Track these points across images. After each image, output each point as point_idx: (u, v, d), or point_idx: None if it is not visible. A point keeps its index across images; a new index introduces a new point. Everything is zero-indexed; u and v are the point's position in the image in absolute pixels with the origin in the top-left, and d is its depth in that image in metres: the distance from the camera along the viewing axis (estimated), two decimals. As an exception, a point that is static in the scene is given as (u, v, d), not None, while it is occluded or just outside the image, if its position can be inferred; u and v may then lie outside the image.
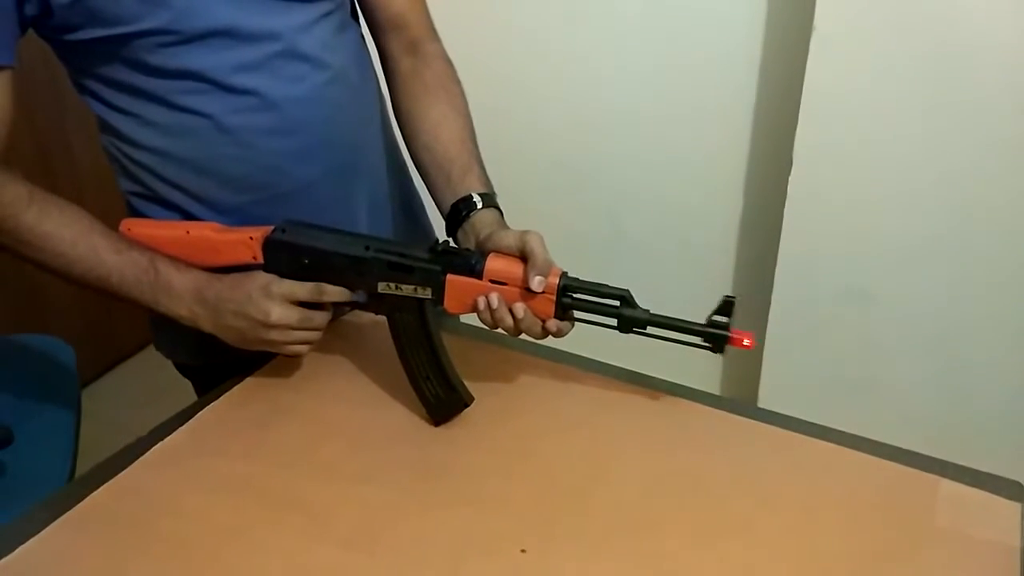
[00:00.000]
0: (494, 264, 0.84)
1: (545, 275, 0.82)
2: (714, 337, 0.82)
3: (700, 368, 1.85)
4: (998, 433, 1.54)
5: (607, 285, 0.83)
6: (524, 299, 0.83)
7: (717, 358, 0.85)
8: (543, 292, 0.82)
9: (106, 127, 0.94)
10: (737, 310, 0.83)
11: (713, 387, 1.93)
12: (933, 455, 0.83)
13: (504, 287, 0.84)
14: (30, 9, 0.81)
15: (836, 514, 0.77)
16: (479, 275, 0.84)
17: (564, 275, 0.83)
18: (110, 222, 0.91)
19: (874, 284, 1.55)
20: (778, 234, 1.57)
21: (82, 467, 1.22)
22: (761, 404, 1.69)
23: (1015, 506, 0.77)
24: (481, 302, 0.84)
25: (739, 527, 0.76)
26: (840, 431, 0.87)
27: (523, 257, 0.83)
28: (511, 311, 0.83)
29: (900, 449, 0.84)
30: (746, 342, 0.82)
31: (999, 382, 1.52)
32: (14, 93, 0.86)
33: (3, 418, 1.19)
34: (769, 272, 1.62)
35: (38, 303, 2.11)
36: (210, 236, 0.92)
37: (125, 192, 0.99)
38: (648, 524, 0.76)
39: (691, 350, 0.85)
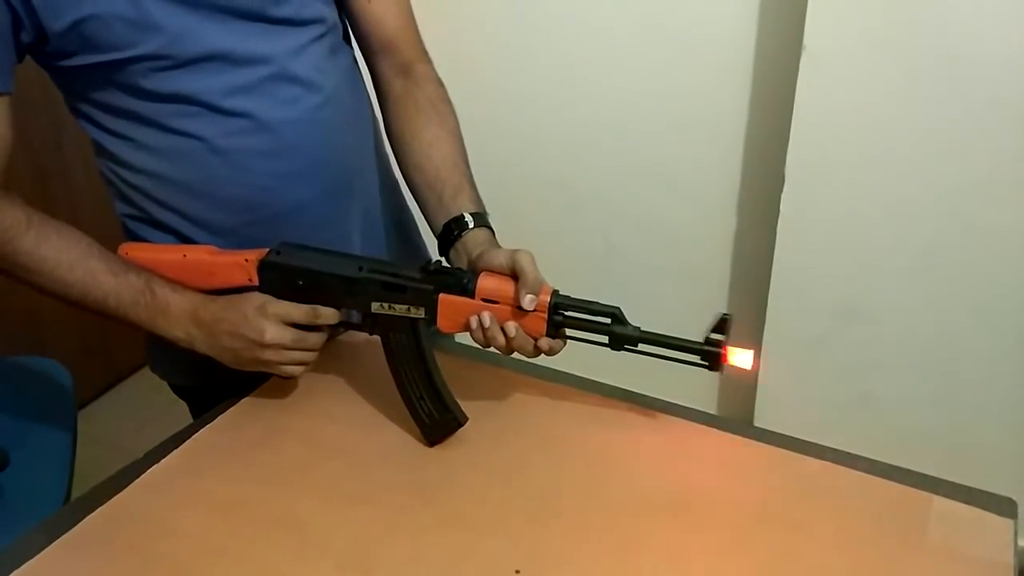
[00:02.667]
0: (485, 283, 0.85)
1: (536, 293, 0.82)
2: (710, 355, 0.83)
3: (696, 386, 1.84)
4: (994, 449, 1.54)
5: (598, 302, 0.84)
6: (516, 317, 0.84)
7: (712, 374, 0.86)
8: (534, 310, 0.83)
9: (102, 151, 0.95)
10: (732, 327, 0.83)
11: (709, 405, 1.93)
12: (929, 471, 0.83)
13: (496, 306, 0.84)
14: (26, 36, 0.82)
15: (830, 532, 0.77)
16: (471, 294, 0.85)
17: (555, 293, 0.84)
18: (107, 244, 0.92)
19: (868, 301, 1.56)
20: (771, 251, 1.58)
21: (78, 489, 1.22)
22: (757, 421, 1.69)
23: (1007, 523, 0.77)
24: (473, 321, 0.84)
25: (734, 546, 0.76)
26: (834, 449, 0.87)
27: (514, 276, 0.84)
28: (503, 330, 0.84)
29: (894, 467, 0.84)
30: (746, 363, 0.83)
31: (994, 398, 1.53)
32: (12, 119, 0.87)
33: (-1, 441, 1.19)
34: (763, 289, 1.63)
35: (34, 325, 2.11)
36: (206, 259, 0.92)
37: (121, 215, 1.00)
38: (643, 543, 0.76)
39: (688, 368, 0.85)
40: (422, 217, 1.01)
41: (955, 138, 1.38)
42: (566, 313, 0.84)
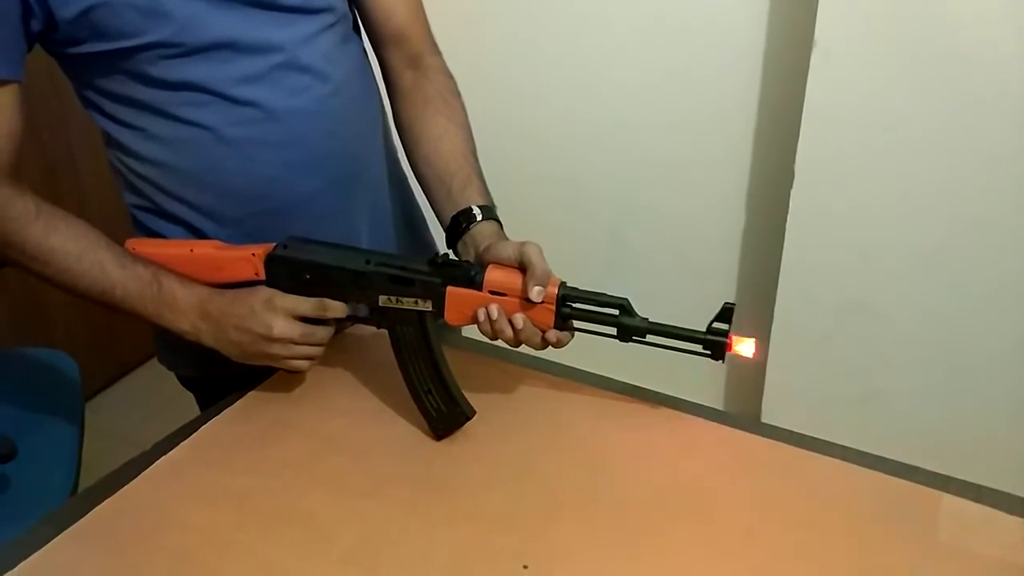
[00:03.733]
0: (493, 275, 0.84)
1: (544, 285, 0.82)
2: (714, 344, 0.82)
3: (703, 381, 1.84)
4: (1004, 446, 1.53)
5: (606, 294, 0.83)
6: (523, 310, 0.83)
7: (720, 370, 0.86)
8: (542, 302, 0.82)
9: (110, 140, 0.95)
10: (736, 317, 0.82)
11: (716, 400, 1.93)
12: (936, 467, 0.83)
13: (503, 298, 0.84)
14: (36, 25, 0.82)
15: (839, 530, 0.76)
16: (479, 287, 0.84)
17: (563, 285, 0.83)
18: (115, 235, 0.92)
19: (877, 296, 1.55)
20: (780, 247, 1.57)
21: (85, 480, 1.22)
22: (765, 417, 1.69)
23: (1019, 522, 0.76)
24: (481, 313, 0.84)
25: (742, 543, 0.75)
26: (843, 446, 0.86)
27: (522, 268, 0.83)
28: (511, 322, 0.83)
29: (903, 464, 0.84)
30: (749, 351, 0.82)
31: (1003, 393, 1.52)
32: (22, 108, 0.87)
33: (6, 431, 1.19)
34: (771, 285, 1.62)
35: (42, 316, 2.12)
36: (213, 253, 0.92)
37: (129, 205, 1.00)
38: (650, 539, 0.76)
39: (694, 362, 0.85)
40: (431, 210, 1.00)
41: (965, 134, 1.37)
42: (574, 305, 0.84)
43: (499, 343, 0.86)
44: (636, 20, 1.68)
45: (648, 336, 0.83)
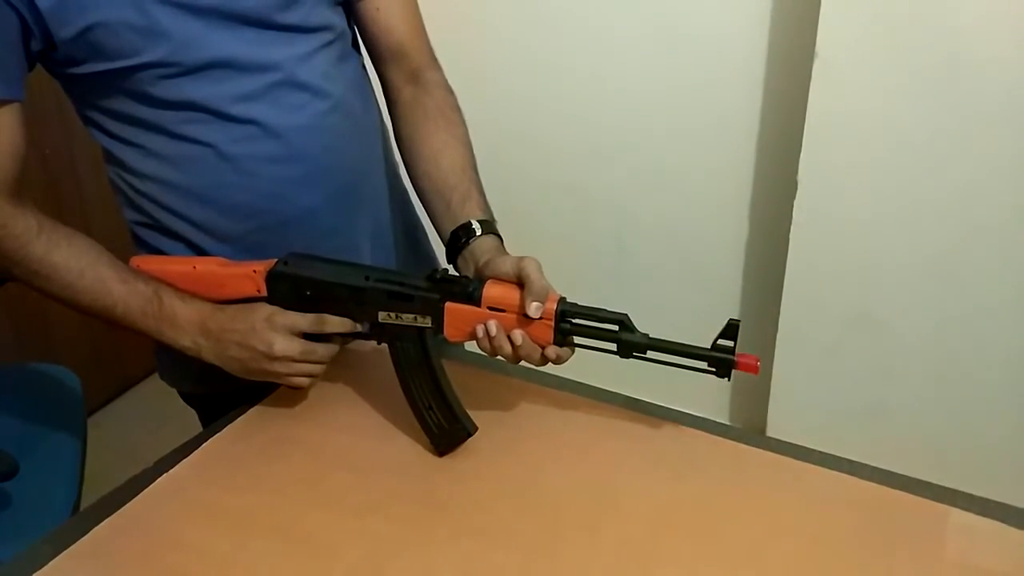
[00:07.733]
0: (491, 291, 0.84)
1: (542, 301, 0.81)
2: (720, 362, 0.82)
3: (708, 395, 1.84)
4: (1009, 458, 1.53)
5: (605, 309, 0.83)
6: (522, 325, 0.83)
7: (724, 383, 0.85)
8: (540, 318, 0.82)
9: (111, 158, 0.95)
10: (741, 329, 0.82)
11: (721, 413, 1.92)
12: (942, 479, 0.82)
13: (502, 314, 0.83)
14: (36, 45, 0.83)
15: (845, 544, 0.76)
16: (477, 303, 0.84)
17: (562, 300, 0.83)
18: (117, 251, 0.92)
19: (881, 307, 1.55)
20: (784, 257, 1.57)
21: (87, 496, 1.22)
22: (770, 429, 1.68)
23: (1026, 535, 0.75)
24: (480, 330, 0.84)
25: (748, 558, 0.75)
26: (849, 460, 0.86)
27: (520, 283, 0.83)
28: (510, 338, 0.83)
29: (910, 478, 0.83)
30: (752, 369, 0.82)
31: (1009, 405, 1.51)
32: (24, 126, 0.87)
33: (8, 448, 1.19)
34: (775, 295, 1.62)
35: (44, 331, 2.12)
36: (215, 270, 0.92)
37: (130, 222, 1.00)
38: (656, 556, 0.75)
39: (698, 375, 0.84)
40: (432, 225, 1.00)
41: (967, 144, 1.37)
42: (573, 321, 0.83)
43: (500, 358, 0.86)
44: (639, 31, 1.69)
45: (649, 352, 0.83)
